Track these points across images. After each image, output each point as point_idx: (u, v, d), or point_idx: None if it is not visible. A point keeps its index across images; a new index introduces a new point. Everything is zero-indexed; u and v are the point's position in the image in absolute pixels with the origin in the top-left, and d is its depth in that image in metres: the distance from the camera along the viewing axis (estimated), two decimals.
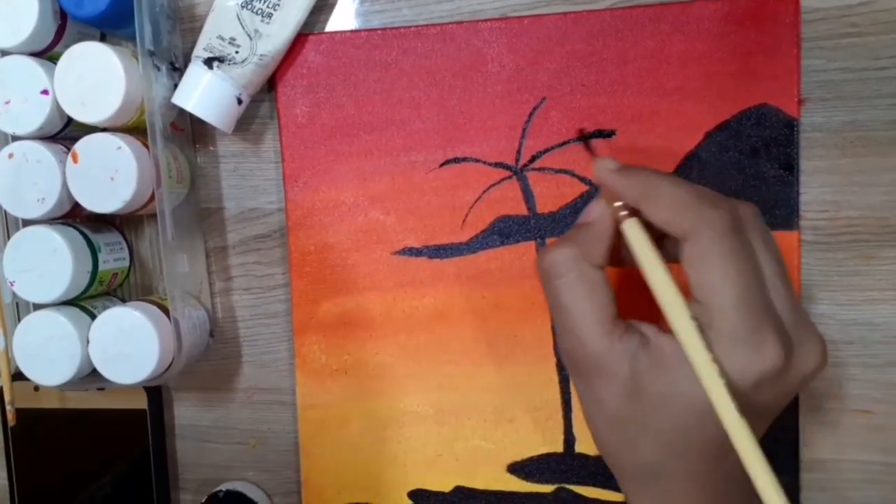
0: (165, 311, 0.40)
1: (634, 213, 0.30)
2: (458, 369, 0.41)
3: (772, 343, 0.28)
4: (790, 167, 0.38)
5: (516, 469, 0.41)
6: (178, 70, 0.41)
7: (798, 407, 0.39)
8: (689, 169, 0.38)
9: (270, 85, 0.42)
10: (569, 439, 0.41)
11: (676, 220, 0.28)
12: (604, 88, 0.39)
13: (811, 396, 0.39)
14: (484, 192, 0.40)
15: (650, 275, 0.29)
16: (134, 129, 0.40)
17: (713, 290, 0.28)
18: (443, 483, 0.42)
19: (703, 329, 0.28)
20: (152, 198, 0.40)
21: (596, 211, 0.31)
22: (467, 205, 0.40)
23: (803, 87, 0.38)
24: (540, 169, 0.40)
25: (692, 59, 0.38)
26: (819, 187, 0.38)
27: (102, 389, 0.44)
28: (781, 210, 0.38)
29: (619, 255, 0.32)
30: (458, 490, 0.42)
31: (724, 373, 0.27)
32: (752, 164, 0.38)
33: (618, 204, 0.30)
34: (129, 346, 0.39)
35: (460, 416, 0.41)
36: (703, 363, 0.27)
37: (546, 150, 0.39)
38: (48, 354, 0.40)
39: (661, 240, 0.31)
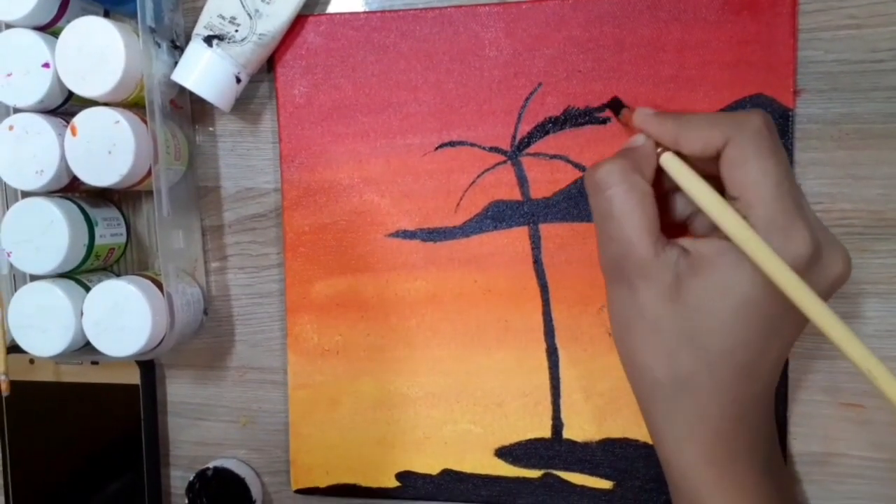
0: (160, 286, 0.41)
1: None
2: (448, 353, 0.41)
3: (804, 231, 0.30)
4: None
5: (504, 453, 0.41)
6: (178, 48, 0.41)
7: (787, 399, 0.39)
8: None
9: (270, 65, 0.42)
10: (557, 425, 0.41)
11: (713, 134, 0.31)
12: (600, 75, 0.39)
13: (801, 389, 0.39)
14: (478, 176, 0.40)
15: (690, 186, 0.32)
16: (133, 105, 0.41)
17: (753, 183, 0.30)
18: (430, 466, 0.42)
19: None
20: (149, 174, 0.40)
21: (641, 139, 0.34)
22: (461, 189, 0.41)
23: (800, 79, 0.38)
24: (534, 154, 0.40)
25: (689, 48, 0.38)
26: (814, 179, 0.38)
27: (96, 364, 0.44)
28: None
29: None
30: (446, 473, 0.42)
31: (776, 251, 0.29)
32: None
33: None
34: (121, 319, 0.39)
35: (449, 400, 0.42)
36: (757, 244, 0.30)
37: (541, 136, 0.40)
38: (42, 325, 0.40)
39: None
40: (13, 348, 0.42)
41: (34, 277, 0.41)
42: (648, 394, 0.34)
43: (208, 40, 0.39)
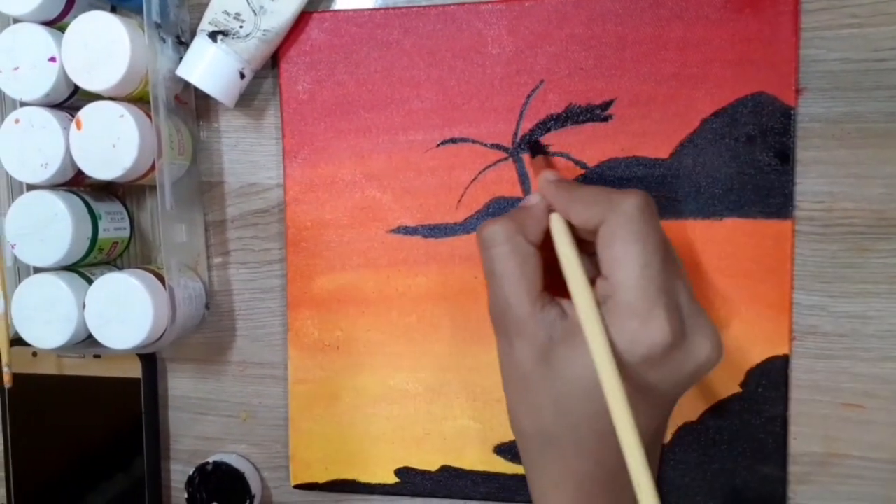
0: (162, 280, 0.41)
1: None
2: (448, 349, 0.41)
3: (662, 319, 0.30)
4: (785, 156, 0.38)
5: (503, 450, 0.41)
6: (184, 44, 0.42)
7: (788, 399, 0.39)
8: (684, 155, 0.38)
9: (274, 61, 0.42)
10: None
11: (592, 212, 0.32)
12: (602, 72, 0.39)
13: (801, 388, 0.39)
14: (480, 172, 0.40)
15: (561, 252, 0.33)
16: (138, 99, 0.41)
17: (618, 265, 0.31)
18: (429, 462, 0.42)
19: (601, 301, 0.31)
20: (153, 168, 0.40)
21: (535, 198, 0.36)
22: (463, 185, 0.41)
23: (802, 77, 0.38)
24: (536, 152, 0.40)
25: (691, 46, 0.38)
26: (815, 178, 0.38)
27: (98, 357, 0.44)
28: (775, 199, 0.38)
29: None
30: (445, 469, 0.42)
31: (610, 340, 0.30)
32: (747, 152, 0.38)
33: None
34: (123, 312, 0.39)
35: (449, 396, 0.42)
36: (593, 327, 0.30)
37: (543, 133, 0.40)
38: (45, 317, 0.40)
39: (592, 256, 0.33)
40: (16, 341, 0.42)
41: (38, 270, 0.42)
42: (519, 442, 0.35)
43: (213, 36, 0.40)
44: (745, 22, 0.37)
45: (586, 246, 0.34)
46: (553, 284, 0.34)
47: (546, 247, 0.34)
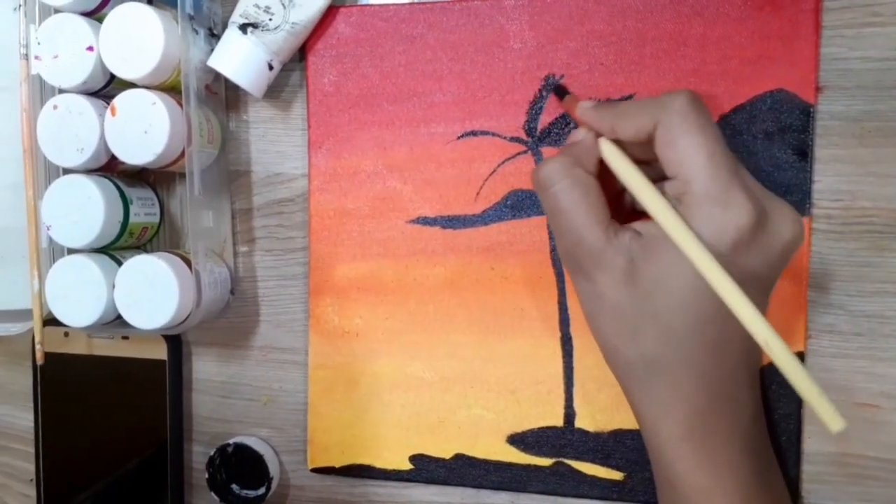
0: (189, 264, 0.42)
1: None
2: (464, 339, 0.42)
3: (742, 199, 0.30)
4: (804, 153, 0.38)
5: (516, 440, 0.42)
6: (216, 36, 0.43)
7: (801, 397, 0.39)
8: None
9: (302, 54, 0.43)
10: (569, 413, 0.41)
11: (643, 119, 0.32)
12: (622, 68, 0.39)
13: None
14: (499, 165, 0.41)
15: (621, 170, 0.33)
16: (171, 89, 0.43)
17: (685, 159, 0.31)
18: (444, 450, 0.43)
19: (677, 201, 0.31)
20: (183, 155, 0.42)
21: (581, 132, 0.36)
22: (482, 177, 0.41)
23: (823, 75, 0.38)
24: (555, 144, 0.40)
25: (710, 43, 0.38)
26: (834, 176, 0.38)
27: (127, 339, 0.46)
28: (793, 196, 0.38)
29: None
30: (459, 457, 0.42)
31: (699, 235, 0.30)
32: (765, 149, 0.38)
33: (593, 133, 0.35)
34: (150, 293, 0.41)
35: (464, 385, 0.42)
36: (677, 226, 0.30)
37: (562, 127, 0.40)
38: (76, 297, 0.42)
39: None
40: (49, 322, 0.43)
41: (71, 251, 0.43)
42: (623, 375, 0.35)
43: (243, 28, 0.41)
44: (766, 19, 0.38)
45: (639, 163, 0.34)
46: (615, 214, 0.34)
47: (602, 178, 0.34)
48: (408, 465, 0.43)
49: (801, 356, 0.38)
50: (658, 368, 0.33)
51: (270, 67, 0.42)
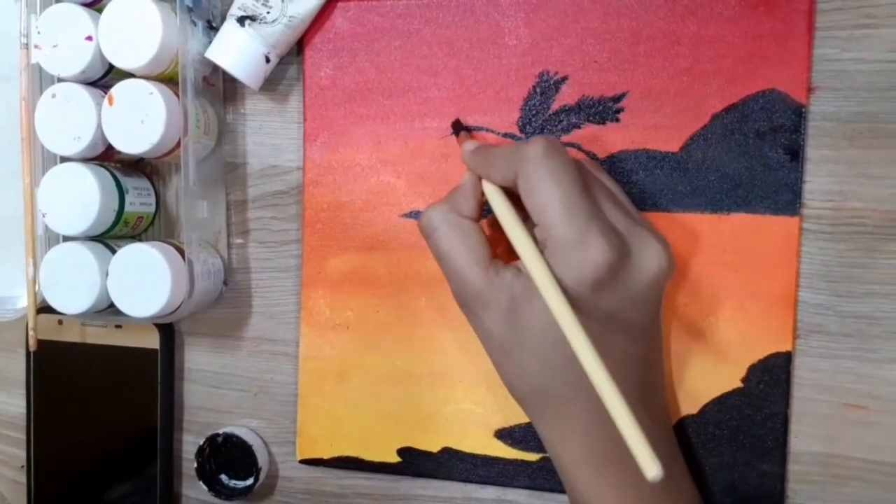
0: (182, 253, 0.43)
1: None
2: (454, 333, 0.42)
3: (598, 240, 0.31)
4: (795, 153, 0.38)
5: (504, 435, 0.42)
6: (214, 29, 0.43)
7: (789, 396, 0.39)
8: (694, 150, 0.39)
9: (299, 48, 0.44)
10: None
11: (506, 169, 0.34)
12: (615, 66, 0.40)
13: (804, 386, 0.39)
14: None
15: (496, 213, 0.35)
16: (168, 79, 0.43)
17: (543, 207, 0.32)
18: (431, 443, 0.43)
19: (543, 245, 0.33)
20: (179, 146, 0.42)
21: (466, 176, 0.37)
22: None
23: (815, 76, 0.38)
24: None
25: (704, 42, 0.39)
26: (825, 176, 0.38)
27: (120, 327, 0.46)
28: (783, 195, 0.38)
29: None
30: (446, 451, 0.43)
31: (557, 278, 0.31)
32: (756, 148, 0.38)
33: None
34: (143, 281, 0.41)
35: (453, 379, 0.42)
36: (536, 266, 0.32)
37: (555, 124, 0.40)
38: (70, 284, 0.42)
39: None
40: (44, 309, 0.44)
41: (66, 239, 0.43)
42: (521, 404, 0.36)
43: (241, 21, 0.41)
44: (759, 19, 0.38)
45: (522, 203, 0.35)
46: (505, 253, 0.35)
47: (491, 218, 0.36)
48: (395, 458, 0.43)
49: (788, 355, 0.38)
50: (548, 399, 0.35)
51: (267, 60, 0.42)
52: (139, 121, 0.41)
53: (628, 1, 0.39)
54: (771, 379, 0.39)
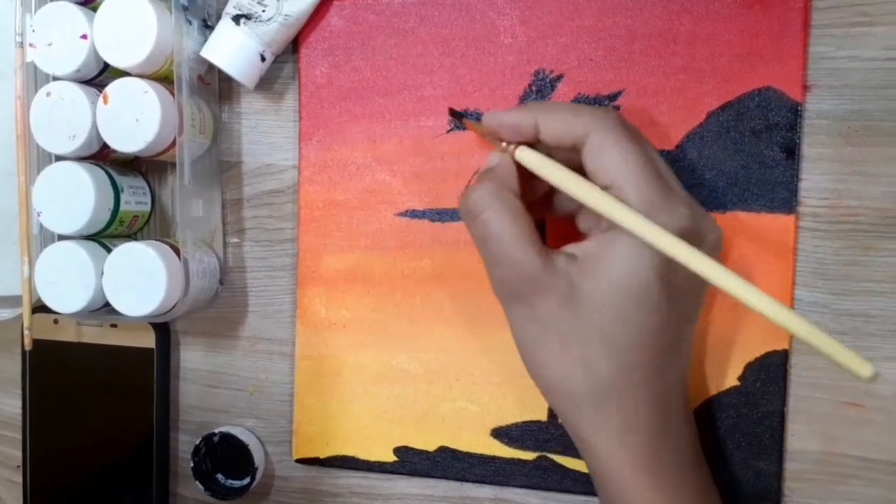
0: (178, 252, 0.43)
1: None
2: (450, 331, 0.42)
3: (681, 206, 0.31)
4: (791, 151, 0.38)
5: (500, 434, 0.42)
6: (209, 28, 0.43)
7: (786, 394, 0.39)
8: (690, 148, 0.39)
9: (294, 46, 0.44)
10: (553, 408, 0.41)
11: (574, 125, 0.32)
12: (611, 64, 0.40)
13: (800, 385, 0.39)
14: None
15: (556, 175, 0.32)
16: (164, 78, 0.43)
17: (621, 168, 0.31)
18: (428, 442, 0.43)
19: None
20: (174, 144, 0.42)
21: (494, 157, 0.35)
22: (471, 171, 0.42)
23: (811, 74, 0.38)
24: None
25: (699, 40, 0.39)
26: (821, 174, 0.38)
27: (115, 326, 0.46)
28: (780, 193, 0.38)
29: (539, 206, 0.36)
30: (443, 450, 0.42)
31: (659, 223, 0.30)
32: (752, 146, 0.38)
33: (503, 144, 0.35)
34: (138, 280, 0.41)
35: (449, 377, 0.42)
36: (634, 217, 0.30)
37: None
38: (65, 283, 0.42)
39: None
40: (39, 308, 0.44)
41: (62, 238, 0.43)
42: (570, 407, 0.33)
43: (236, 19, 0.41)
44: (755, 17, 0.38)
45: None
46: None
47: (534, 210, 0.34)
48: (392, 457, 0.43)
49: (784, 354, 0.38)
50: (611, 396, 0.32)
51: (263, 59, 0.42)
52: (134, 119, 0.40)
53: None
54: (768, 377, 0.39)
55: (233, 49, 0.41)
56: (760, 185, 0.38)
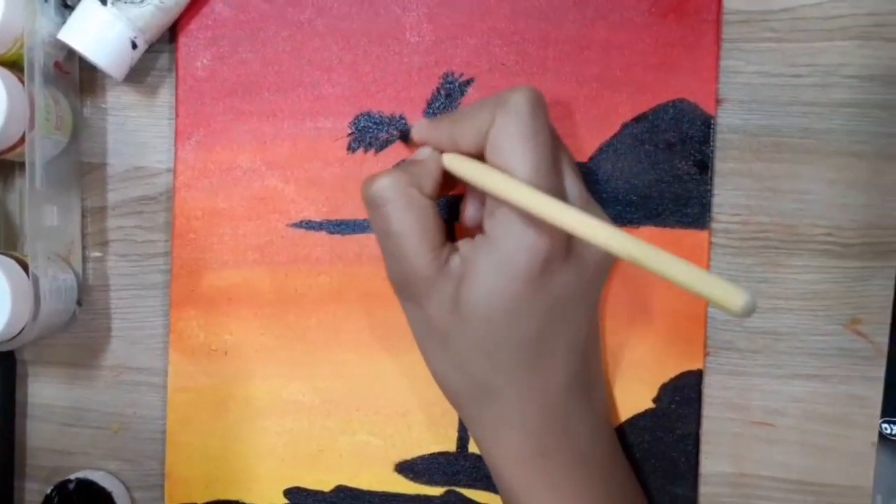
0: (25, 267, 0.36)
1: None
2: (350, 356, 0.38)
3: (574, 187, 0.31)
4: (704, 166, 0.37)
5: (405, 468, 0.38)
6: (69, 7, 0.38)
7: (700, 416, 0.38)
8: (604, 160, 0.37)
9: (172, 34, 0.39)
10: (463, 437, 0.38)
11: (482, 118, 0.30)
12: (523, 70, 0.37)
13: (712, 406, 0.38)
14: (394, 167, 0.38)
15: (469, 170, 0.31)
16: (12, 63, 0.37)
17: (514, 162, 0.29)
18: (323, 482, 0.38)
19: (488, 215, 0.31)
20: (23, 141, 0.36)
21: (426, 151, 0.34)
22: None
23: (722, 88, 0.37)
24: None
25: (614, 48, 0.37)
26: (732, 190, 0.38)
27: None
28: (692, 208, 0.37)
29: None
30: (340, 490, 0.38)
31: (510, 246, 0.30)
32: (666, 160, 0.37)
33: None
34: None
35: (349, 408, 0.38)
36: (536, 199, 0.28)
37: None
38: None
39: None
40: None
41: None
42: (455, 401, 0.34)
43: None
44: (669, 27, 0.37)
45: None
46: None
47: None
48: (282, 500, 0.38)
49: (699, 373, 0.37)
50: (488, 393, 0.32)
51: (134, 46, 0.37)
52: None
53: (536, 2, 0.37)
54: (682, 398, 0.37)
55: (98, 33, 0.36)
56: (674, 201, 0.37)
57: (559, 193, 0.30)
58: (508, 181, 0.29)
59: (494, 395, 0.32)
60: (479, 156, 0.31)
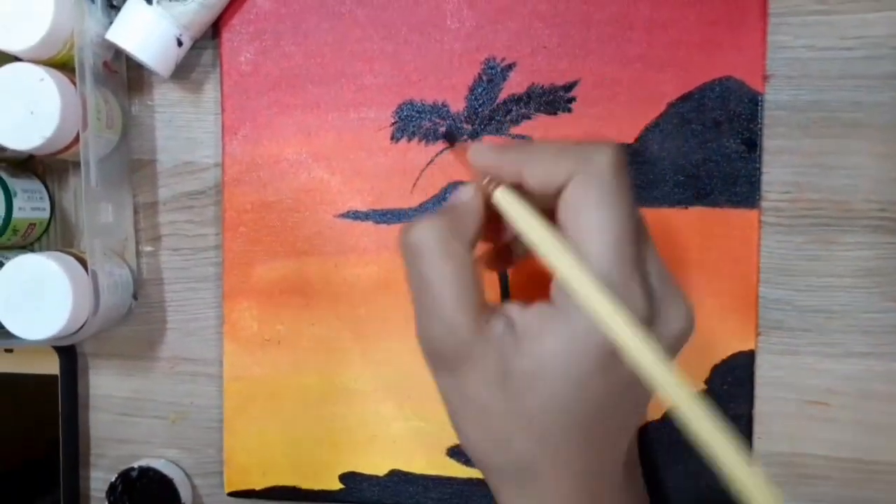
0: (84, 264, 0.37)
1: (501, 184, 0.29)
2: (400, 344, 0.39)
3: (638, 294, 0.26)
4: (753, 143, 0.36)
5: (457, 453, 0.39)
6: (115, 8, 0.38)
7: (753, 397, 0.37)
8: (650, 140, 0.37)
9: (215, 30, 0.39)
10: None
11: (558, 166, 0.27)
12: (566, 52, 0.37)
13: (766, 385, 0.38)
14: (436, 155, 0.38)
15: (524, 223, 0.28)
16: (62, 65, 0.37)
17: (591, 232, 0.26)
18: (378, 466, 0.39)
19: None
20: (77, 140, 0.36)
21: (465, 192, 0.30)
22: (418, 168, 0.38)
23: (770, 64, 0.37)
24: (497, 132, 0.38)
25: (657, 27, 0.37)
26: (781, 167, 0.37)
27: (11, 351, 0.40)
28: (741, 187, 0.36)
29: (506, 253, 0.32)
30: (394, 474, 0.39)
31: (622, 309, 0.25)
32: (714, 138, 0.37)
33: (486, 180, 0.29)
34: (38, 299, 0.35)
35: (400, 395, 0.39)
36: (597, 299, 0.25)
37: (504, 114, 0.38)
38: None
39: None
40: None
41: None
42: (491, 477, 0.31)
43: None
44: (713, 4, 0.36)
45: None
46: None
47: (502, 257, 0.32)
48: (338, 485, 0.39)
49: (751, 354, 0.37)
50: (529, 475, 0.29)
51: (179, 43, 0.37)
52: (28, 112, 0.35)
53: None
54: (734, 379, 0.37)
55: (144, 32, 0.36)
56: (723, 180, 0.37)
57: (641, 264, 0.27)
58: (582, 276, 0.26)
59: (538, 474, 0.29)
60: (542, 198, 0.28)
